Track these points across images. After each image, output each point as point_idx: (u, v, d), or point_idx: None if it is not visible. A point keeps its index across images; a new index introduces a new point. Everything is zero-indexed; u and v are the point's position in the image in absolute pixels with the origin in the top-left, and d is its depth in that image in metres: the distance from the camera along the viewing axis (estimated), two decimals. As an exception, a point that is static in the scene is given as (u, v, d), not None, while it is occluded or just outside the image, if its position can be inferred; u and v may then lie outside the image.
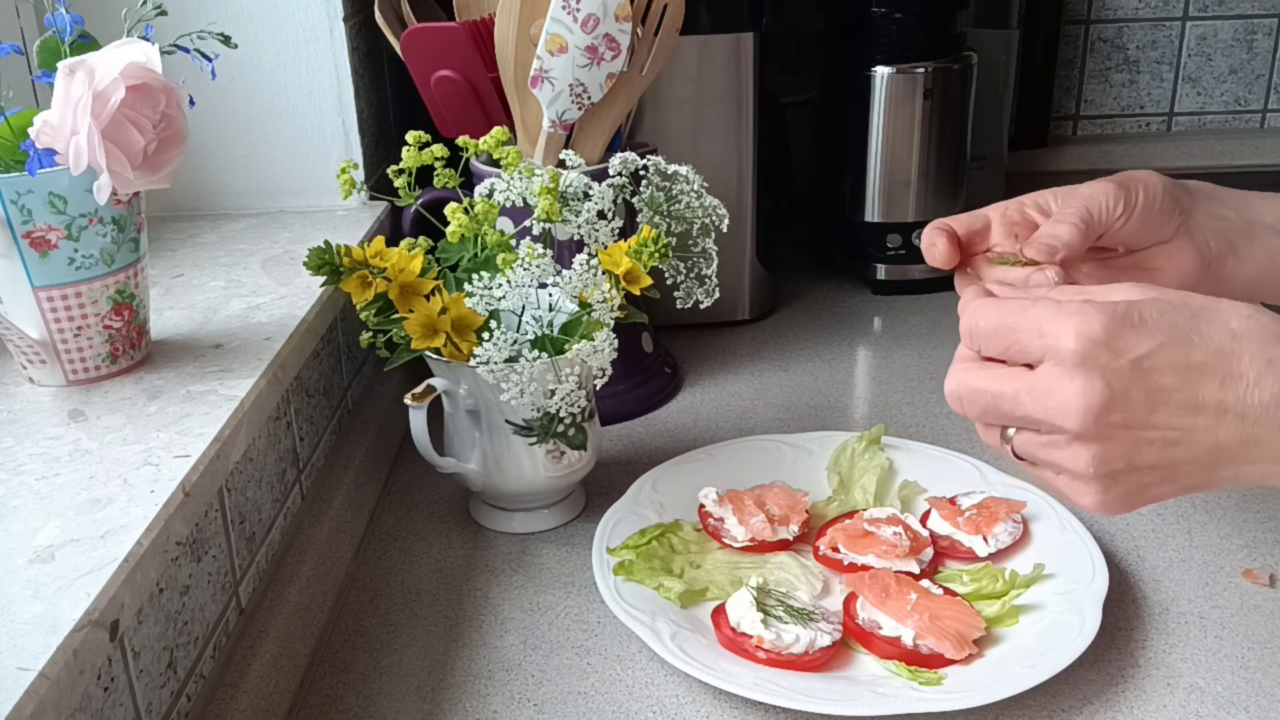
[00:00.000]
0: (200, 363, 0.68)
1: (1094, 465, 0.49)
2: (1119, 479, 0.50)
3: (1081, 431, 0.48)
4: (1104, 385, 0.47)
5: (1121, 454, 0.49)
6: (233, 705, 0.60)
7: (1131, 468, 0.49)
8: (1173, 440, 0.49)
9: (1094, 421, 0.48)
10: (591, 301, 0.72)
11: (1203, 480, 0.50)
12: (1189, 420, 0.48)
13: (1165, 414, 0.48)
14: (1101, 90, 1.62)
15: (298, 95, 0.95)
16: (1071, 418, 0.48)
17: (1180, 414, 0.48)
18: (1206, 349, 0.48)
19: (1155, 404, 0.48)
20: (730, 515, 0.76)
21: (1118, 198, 0.66)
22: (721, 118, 1.05)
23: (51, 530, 0.51)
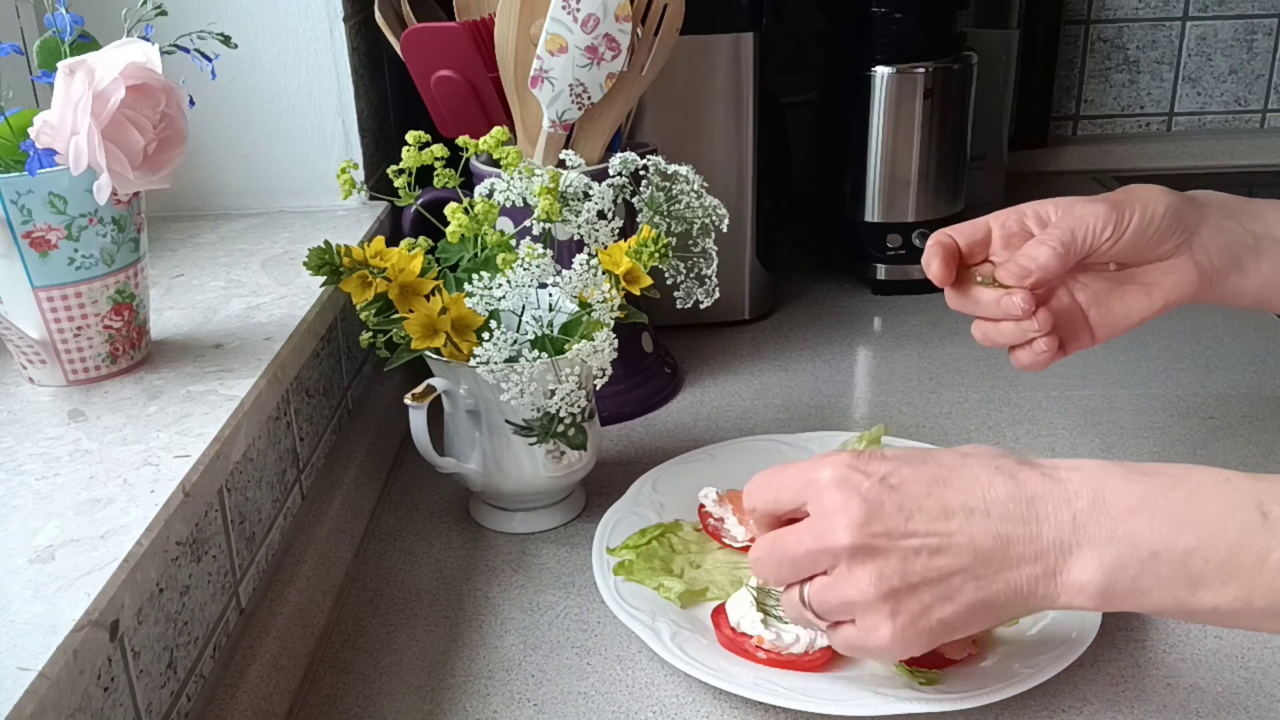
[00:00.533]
0: (200, 363, 0.68)
1: (874, 582, 0.52)
2: (901, 599, 0.52)
3: (852, 545, 0.52)
4: (860, 498, 0.52)
5: (894, 568, 0.52)
6: (233, 705, 0.60)
7: (908, 584, 0.52)
8: (935, 548, 0.52)
9: (858, 531, 0.52)
10: (591, 301, 0.72)
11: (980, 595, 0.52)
12: (943, 525, 0.52)
13: (921, 520, 0.52)
14: (1101, 90, 1.63)
15: (298, 95, 0.95)
16: (840, 533, 0.52)
17: (933, 519, 0.52)
18: (940, 465, 0.54)
19: (909, 513, 0.52)
20: (730, 515, 0.76)
21: (1108, 220, 0.66)
22: (721, 118, 1.05)
23: (51, 530, 0.51)
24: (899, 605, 0.52)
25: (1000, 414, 0.95)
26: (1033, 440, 0.90)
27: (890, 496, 0.53)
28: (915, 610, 0.52)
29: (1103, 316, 0.71)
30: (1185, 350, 1.05)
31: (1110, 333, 0.72)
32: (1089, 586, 0.51)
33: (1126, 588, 0.51)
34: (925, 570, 0.52)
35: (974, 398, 0.98)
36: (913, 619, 0.52)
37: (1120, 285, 0.71)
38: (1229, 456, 0.87)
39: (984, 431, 0.92)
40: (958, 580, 0.52)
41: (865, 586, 0.52)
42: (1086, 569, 0.51)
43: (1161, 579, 0.50)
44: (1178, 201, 0.68)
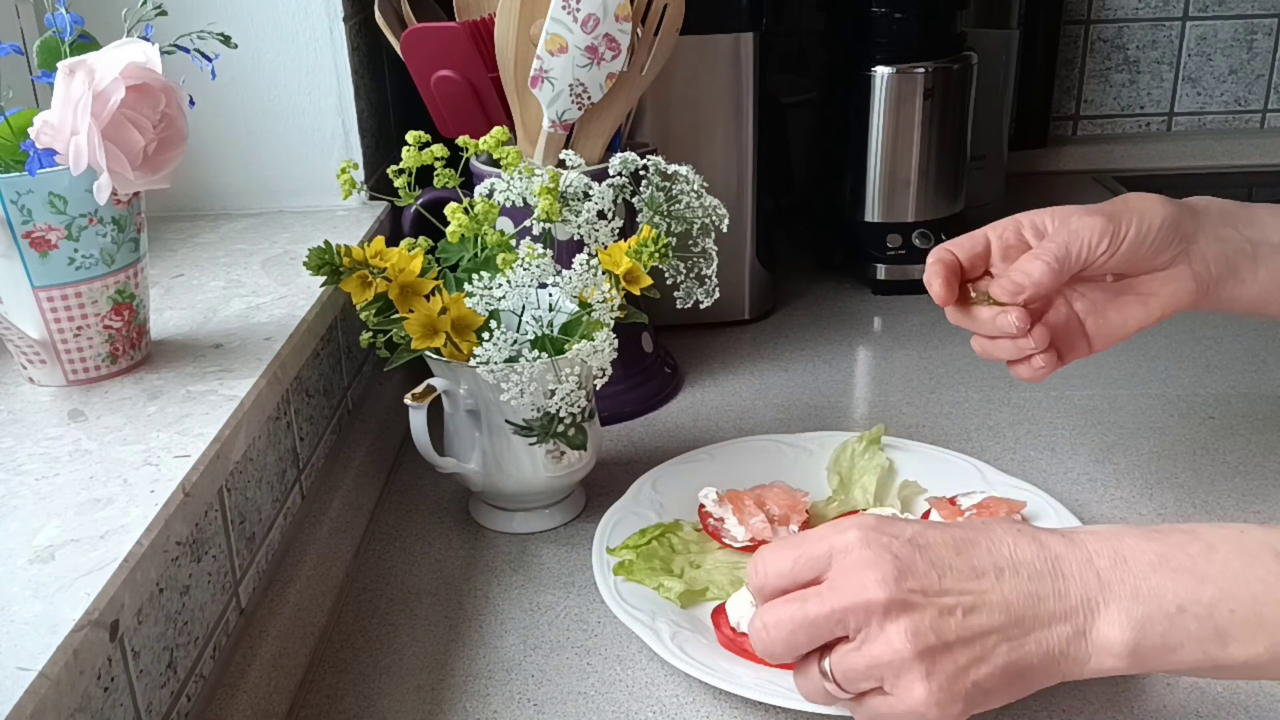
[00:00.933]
0: (200, 363, 0.68)
1: (910, 639, 0.50)
2: (937, 659, 0.50)
3: (887, 600, 0.50)
4: (891, 556, 0.51)
5: (929, 624, 0.50)
6: (233, 705, 0.60)
7: (943, 642, 0.50)
8: (970, 606, 0.51)
9: (894, 586, 0.51)
10: (591, 301, 0.72)
11: (1013, 657, 0.51)
12: (975, 584, 0.51)
13: (953, 579, 0.51)
14: (1101, 90, 1.63)
15: (298, 95, 0.95)
16: (873, 588, 0.51)
17: (965, 579, 0.51)
18: (963, 529, 0.54)
19: (941, 571, 0.52)
20: (730, 515, 0.76)
21: (1104, 233, 0.66)
22: (721, 118, 1.05)
23: (51, 530, 0.51)
24: (934, 665, 0.50)
25: (1000, 414, 0.95)
26: (1033, 440, 0.90)
27: (921, 555, 0.52)
28: (951, 671, 0.50)
29: (1100, 326, 0.71)
30: (1185, 350, 1.05)
31: (1107, 342, 0.72)
32: (1119, 644, 0.50)
33: (1156, 644, 0.50)
34: (960, 629, 0.51)
35: (974, 398, 0.98)
36: (949, 680, 0.50)
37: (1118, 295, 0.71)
38: (1229, 456, 0.87)
39: (984, 431, 0.92)
40: (992, 640, 0.51)
41: (900, 644, 0.50)
42: (1115, 624, 0.50)
43: (1190, 634, 0.50)
44: (1175, 211, 0.68)
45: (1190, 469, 0.86)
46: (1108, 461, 0.87)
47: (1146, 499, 0.82)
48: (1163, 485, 0.84)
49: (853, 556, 0.52)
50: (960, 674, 0.51)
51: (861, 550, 0.52)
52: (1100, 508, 0.81)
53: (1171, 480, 0.84)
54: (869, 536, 0.52)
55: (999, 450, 0.89)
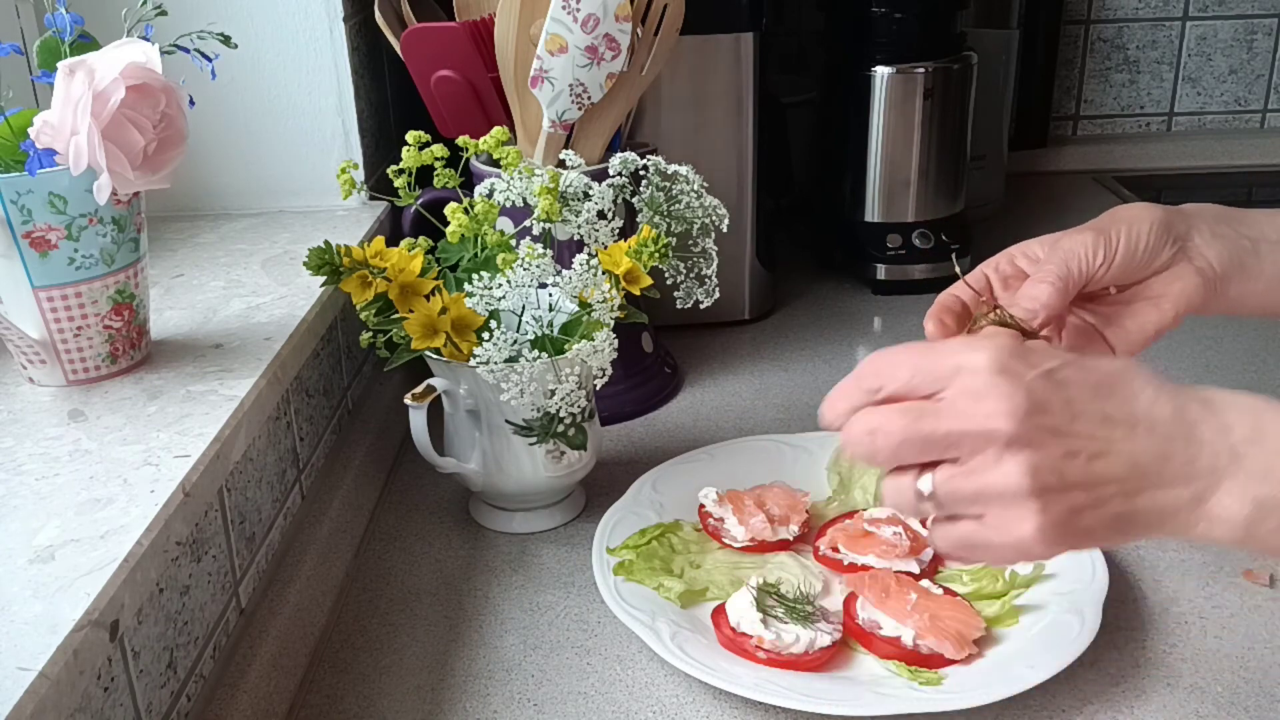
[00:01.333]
0: (200, 363, 0.68)
1: (1029, 476, 0.48)
2: (1053, 498, 0.49)
3: (1012, 435, 0.48)
4: (1025, 389, 0.49)
5: (1052, 465, 0.49)
6: (233, 705, 0.60)
7: (1063, 484, 0.49)
8: (1096, 453, 0.49)
9: (1023, 422, 0.48)
10: (591, 301, 0.72)
11: (1124, 509, 0.50)
12: (1106, 431, 0.50)
13: (1084, 423, 0.49)
14: (1101, 90, 1.63)
15: (298, 95, 0.95)
16: (1001, 419, 0.48)
17: (1097, 425, 0.50)
18: (1101, 371, 0.51)
19: (1074, 413, 0.49)
20: (730, 515, 0.76)
21: (1096, 247, 0.66)
22: (721, 118, 1.05)
23: (51, 530, 0.51)
24: (1048, 503, 0.49)
25: (1000, 414, 0.95)
26: (1033, 440, 0.90)
27: (1056, 393, 0.49)
28: (1063, 511, 0.49)
29: (1119, 336, 0.70)
30: (1185, 350, 1.05)
31: (1130, 350, 0.70)
32: (1235, 519, 0.49)
33: (1274, 527, 0.49)
34: (1082, 474, 0.49)
35: (974, 398, 0.98)
36: (1059, 519, 0.49)
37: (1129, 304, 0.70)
38: (1229, 456, 0.87)
39: (984, 431, 0.92)
40: (1110, 490, 0.50)
41: (1018, 479, 0.48)
42: (1235, 499, 0.49)
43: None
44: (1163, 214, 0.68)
45: (1190, 469, 0.86)
46: (1108, 461, 0.87)
47: (1146, 499, 0.82)
48: (1163, 485, 0.84)
49: (981, 380, 0.49)
50: (1073, 515, 0.50)
51: (992, 376, 0.49)
52: (1100, 508, 0.81)
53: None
54: (1004, 363, 0.50)
55: (999, 450, 0.89)
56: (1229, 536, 0.50)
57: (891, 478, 0.53)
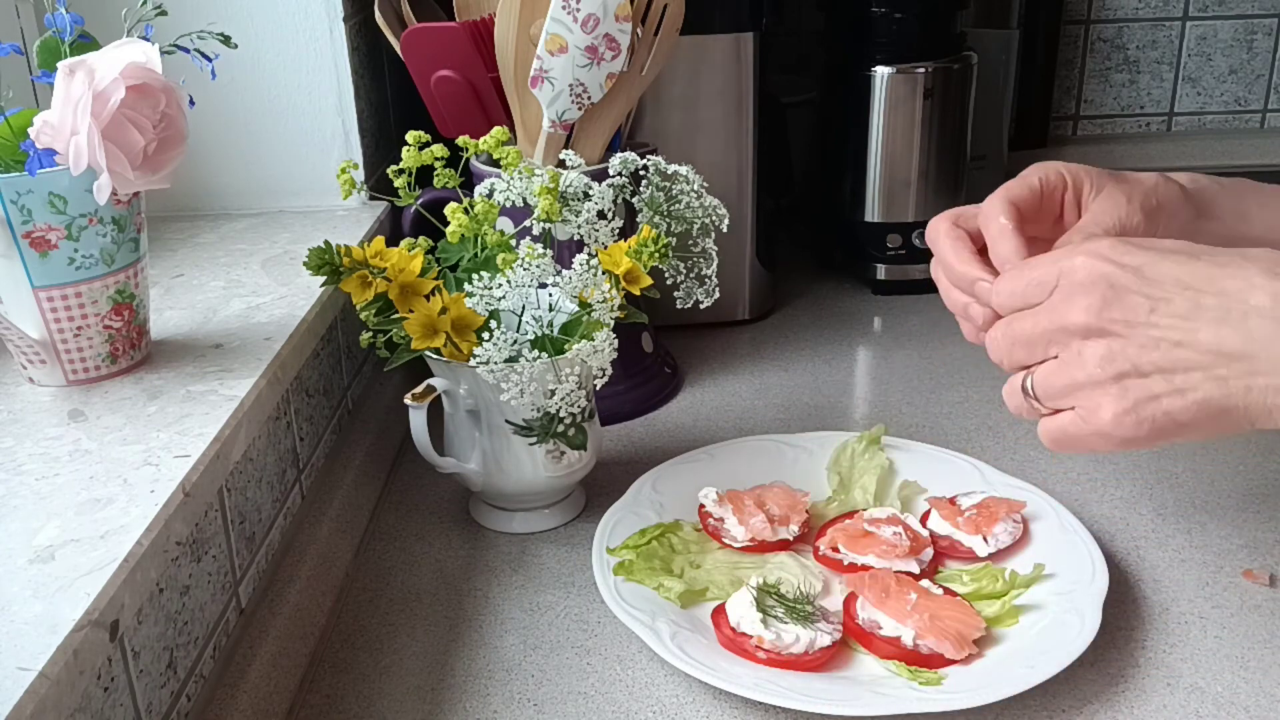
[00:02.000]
0: (200, 363, 0.68)
1: (1101, 363, 0.51)
2: (1130, 383, 0.51)
3: (1085, 325, 0.51)
4: (1106, 284, 0.51)
5: (1127, 353, 0.51)
6: (233, 705, 0.60)
7: (1139, 370, 0.51)
8: (1176, 341, 0.50)
9: (1096, 315, 0.51)
10: (591, 301, 0.72)
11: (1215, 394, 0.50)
12: (1187, 323, 0.51)
13: (1165, 313, 0.51)
14: (1101, 90, 1.63)
15: (298, 95, 0.95)
16: (1076, 313, 0.52)
17: (1180, 316, 0.51)
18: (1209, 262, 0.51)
19: (1155, 303, 0.51)
20: (730, 515, 0.76)
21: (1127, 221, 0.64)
22: (721, 118, 1.05)
23: (51, 530, 0.51)
24: (1126, 389, 0.51)
25: (1000, 413, 0.95)
26: (1033, 440, 0.90)
27: (1140, 286, 0.51)
28: (1142, 396, 0.51)
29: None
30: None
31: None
32: None
33: None
34: (1160, 361, 0.51)
35: (974, 398, 0.98)
36: (1137, 404, 0.51)
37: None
38: (1228, 455, 0.87)
39: (984, 432, 0.92)
40: (1196, 377, 0.50)
41: (1093, 368, 0.51)
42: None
43: None
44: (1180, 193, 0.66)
45: (1190, 469, 0.86)
46: (1108, 461, 0.87)
47: (1146, 499, 0.82)
48: (1162, 485, 0.84)
49: (1072, 279, 0.52)
50: (1152, 400, 0.51)
51: (1081, 272, 0.52)
52: (1100, 507, 0.81)
53: (1171, 480, 0.84)
54: (1091, 264, 0.52)
55: (999, 450, 0.89)
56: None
57: (1009, 381, 0.57)
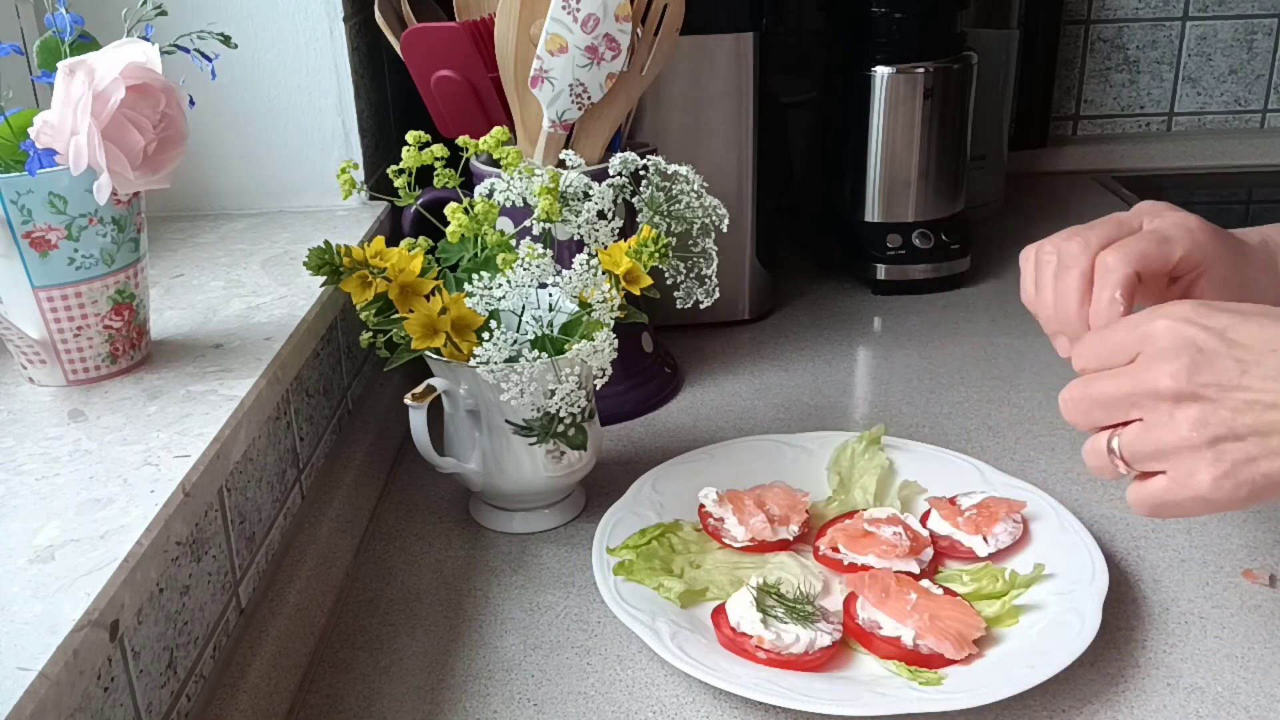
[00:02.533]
0: (200, 363, 0.68)
1: (1196, 428, 0.51)
2: (1226, 448, 0.51)
3: (1179, 391, 0.51)
4: (1194, 349, 0.51)
5: (1221, 417, 0.51)
6: (233, 705, 0.60)
7: (1234, 434, 0.51)
8: (1270, 403, 0.51)
9: (1187, 380, 0.51)
10: (591, 301, 0.72)
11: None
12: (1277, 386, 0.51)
13: (1257, 375, 0.51)
14: (1101, 90, 1.63)
15: (298, 95, 0.95)
16: (1164, 379, 0.51)
17: (1271, 377, 0.51)
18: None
19: (1245, 366, 0.51)
20: (730, 515, 0.76)
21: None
22: (721, 118, 1.05)
23: (51, 530, 0.51)
24: (1221, 453, 0.51)
25: (1000, 414, 0.95)
26: (1033, 440, 0.90)
27: (1227, 350, 0.51)
28: (1239, 459, 0.51)
29: None
30: (1185, 350, 1.05)
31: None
32: None
33: None
34: (1255, 423, 0.51)
35: (974, 398, 0.98)
36: (1234, 467, 0.51)
37: None
38: (1229, 456, 0.87)
39: (984, 432, 0.92)
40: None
41: (1186, 432, 0.51)
42: None
43: None
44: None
45: (1190, 469, 0.86)
46: (1108, 461, 0.87)
47: (1146, 499, 0.82)
48: (1163, 485, 0.84)
49: (1157, 344, 0.52)
50: (1249, 463, 0.51)
51: (1164, 340, 0.52)
52: (1100, 507, 0.81)
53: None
54: (1176, 328, 0.52)
55: (999, 450, 0.89)
56: None
57: (1090, 440, 0.56)
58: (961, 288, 1.21)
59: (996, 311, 1.16)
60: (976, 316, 1.15)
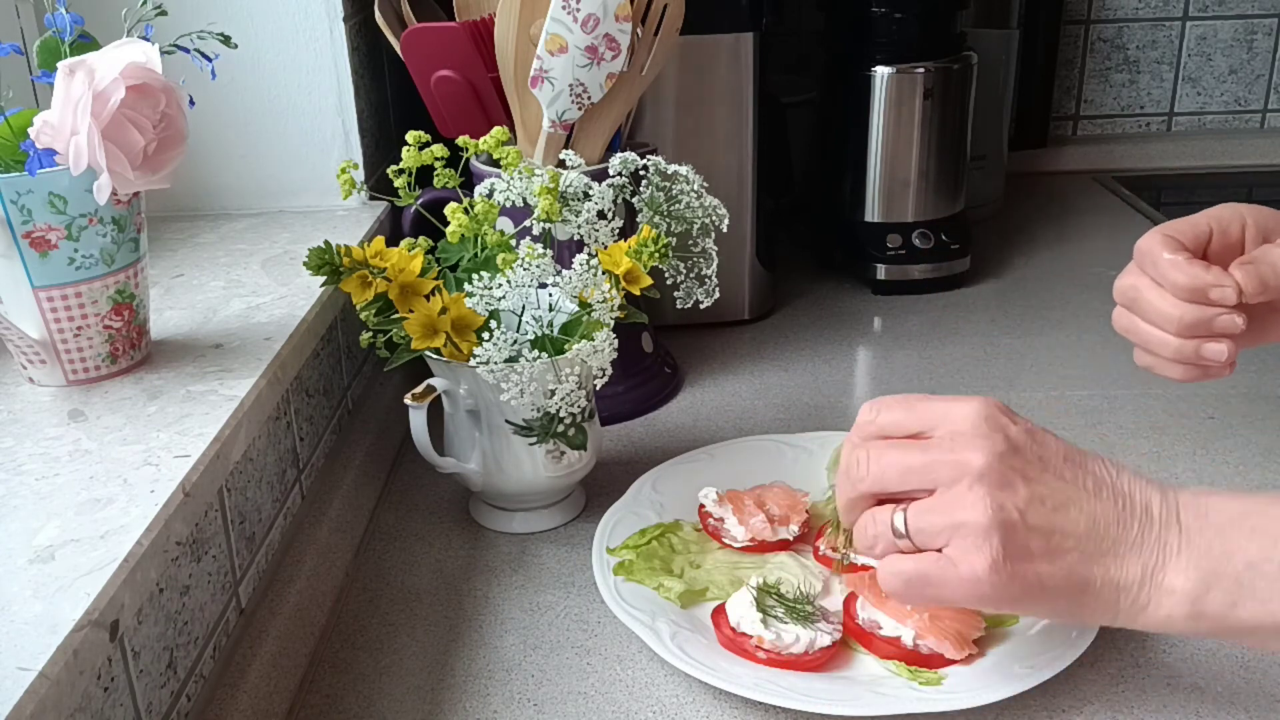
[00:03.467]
0: (200, 363, 0.68)
1: (993, 508, 0.51)
2: (1011, 535, 0.52)
3: (984, 468, 0.52)
4: (1003, 436, 0.53)
5: (1016, 502, 0.52)
6: (233, 705, 0.60)
7: (1024, 524, 0.52)
8: (1060, 503, 0.52)
9: (998, 460, 0.52)
10: (591, 301, 0.72)
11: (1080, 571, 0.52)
12: (1071, 489, 0.53)
13: (1053, 476, 0.53)
14: (1101, 90, 1.63)
15: (298, 95, 0.95)
16: (976, 454, 0.52)
17: (1065, 481, 0.53)
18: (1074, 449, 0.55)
19: (1045, 464, 0.53)
20: (730, 515, 0.76)
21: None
22: (721, 118, 1.05)
23: (51, 530, 0.51)
24: (1007, 540, 0.51)
25: (1000, 414, 0.95)
26: (1033, 440, 0.90)
27: (1033, 445, 0.54)
28: (1019, 551, 0.52)
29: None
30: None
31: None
32: (1181, 592, 0.51)
33: (1220, 599, 0.51)
34: (1043, 518, 0.52)
35: (974, 398, 0.98)
36: (1013, 558, 0.51)
37: None
38: (1229, 456, 0.87)
39: (984, 431, 0.92)
40: (1069, 543, 0.52)
41: (981, 509, 0.52)
42: (1181, 573, 0.51)
43: (1257, 592, 0.50)
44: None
45: (1190, 469, 0.86)
46: (1108, 461, 0.87)
47: (1146, 499, 0.82)
48: (1163, 485, 0.84)
49: (967, 423, 0.54)
50: (1028, 558, 0.52)
51: (977, 420, 0.54)
52: (1100, 508, 0.81)
53: (1171, 480, 0.84)
54: (989, 412, 0.54)
55: (999, 450, 0.89)
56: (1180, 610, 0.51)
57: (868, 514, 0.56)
58: (961, 288, 1.21)
59: (996, 311, 1.16)
60: (976, 316, 1.15)
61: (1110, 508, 0.53)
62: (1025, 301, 1.18)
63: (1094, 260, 1.28)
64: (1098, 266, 1.26)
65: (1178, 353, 0.63)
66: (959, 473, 0.53)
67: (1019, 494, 0.52)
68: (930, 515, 0.53)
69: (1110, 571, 0.52)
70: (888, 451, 0.55)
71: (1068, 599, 0.53)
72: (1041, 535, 0.52)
